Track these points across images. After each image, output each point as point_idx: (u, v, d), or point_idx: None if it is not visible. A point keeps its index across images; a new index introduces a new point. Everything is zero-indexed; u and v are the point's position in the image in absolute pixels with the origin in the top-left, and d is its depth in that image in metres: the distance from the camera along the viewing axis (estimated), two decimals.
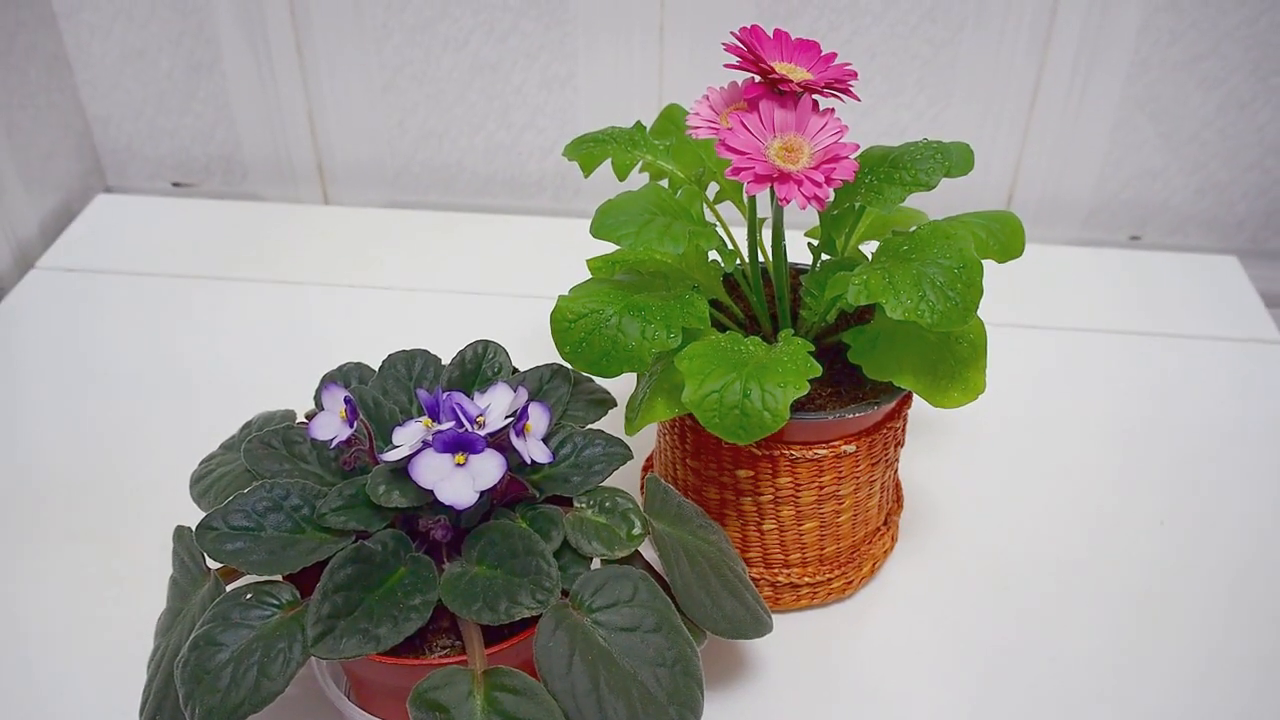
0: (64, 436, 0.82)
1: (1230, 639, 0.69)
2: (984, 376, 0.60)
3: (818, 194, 0.54)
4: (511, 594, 0.52)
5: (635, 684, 0.51)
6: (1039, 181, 1.02)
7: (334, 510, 0.54)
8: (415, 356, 0.63)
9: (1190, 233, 1.05)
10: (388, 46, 1.00)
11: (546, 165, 1.06)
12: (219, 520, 0.54)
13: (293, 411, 0.64)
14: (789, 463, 0.63)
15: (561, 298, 0.59)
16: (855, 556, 0.70)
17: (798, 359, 0.56)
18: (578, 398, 0.63)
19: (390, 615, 0.51)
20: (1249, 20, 0.92)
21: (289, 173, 1.09)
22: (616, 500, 0.57)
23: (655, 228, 0.58)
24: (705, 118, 0.58)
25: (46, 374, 0.87)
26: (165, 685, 0.53)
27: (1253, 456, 0.81)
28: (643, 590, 0.53)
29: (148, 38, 1.02)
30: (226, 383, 0.87)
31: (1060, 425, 0.83)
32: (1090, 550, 0.74)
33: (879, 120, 1.00)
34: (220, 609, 0.52)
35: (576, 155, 0.64)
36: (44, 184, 1.02)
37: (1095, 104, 0.98)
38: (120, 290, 0.96)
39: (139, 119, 1.07)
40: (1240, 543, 0.75)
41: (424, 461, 0.52)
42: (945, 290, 0.54)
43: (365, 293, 0.96)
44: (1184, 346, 0.91)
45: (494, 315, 0.93)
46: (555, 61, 1.00)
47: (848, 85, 0.56)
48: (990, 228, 0.63)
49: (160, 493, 0.76)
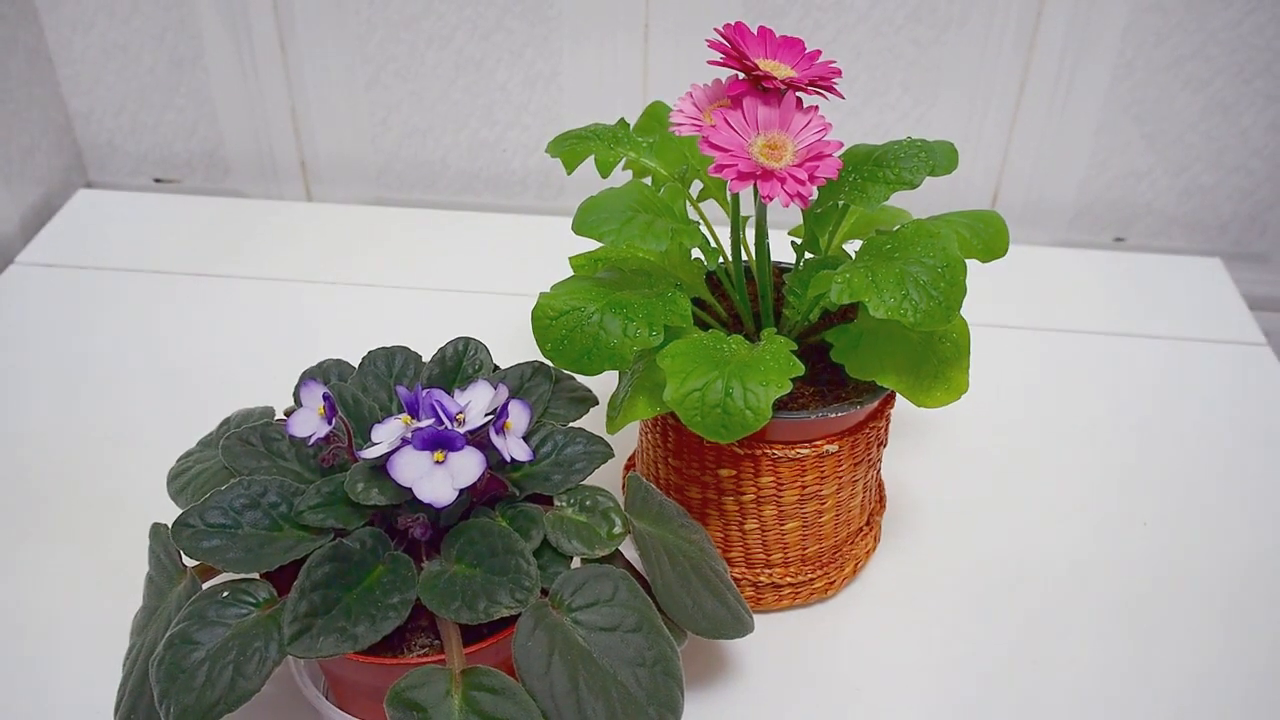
0: (43, 433, 0.81)
1: (1221, 640, 0.69)
2: (967, 376, 0.59)
3: (801, 192, 0.54)
4: (490, 593, 0.51)
5: (615, 684, 0.50)
6: (1024, 182, 1.02)
7: (312, 508, 0.54)
8: (395, 353, 0.63)
9: (1174, 235, 1.05)
10: (371, 43, 1.00)
11: (530, 163, 1.06)
12: (196, 517, 0.53)
13: (272, 408, 0.64)
14: (771, 462, 0.63)
15: (543, 295, 0.58)
16: (837, 557, 0.70)
17: (780, 358, 0.56)
18: (559, 395, 0.62)
19: (368, 614, 0.51)
20: (1234, 22, 0.92)
21: (271, 169, 1.08)
22: (597, 499, 0.56)
23: (638, 225, 0.58)
24: (689, 115, 0.57)
25: (26, 370, 0.86)
26: (140, 684, 0.53)
27: (1237, 458, 0.81)
28: (623, 590, 0.53)
29: (130, 33, 1.01)
30: (207, 379, 0.86)
31: (1043, 426, 0.84)
32: (1073, 551, 0.74)
33: (864, 120, 1.00)
34: (196, 607, 0.51)
35: (559, 152, 0.64)
36: (24, 179, 1.02)
37: (1080, 105, 0.98)
38: (101, 286, 0.95)
39: (121, 114, 1.07)
40: (1224, 544, 0.75)
41: (403, 459, 0.52)
42: (928, 289, 0.54)
43: (347, 289, 0.96)
44: (1168, 348, 0.91)
45: (476, 313, 0.93)
46: (540, 59, 0.99)
47: (832, 83, 0.56)
48: (974, 227, 0.63)
49: (139, 489, 0.76)
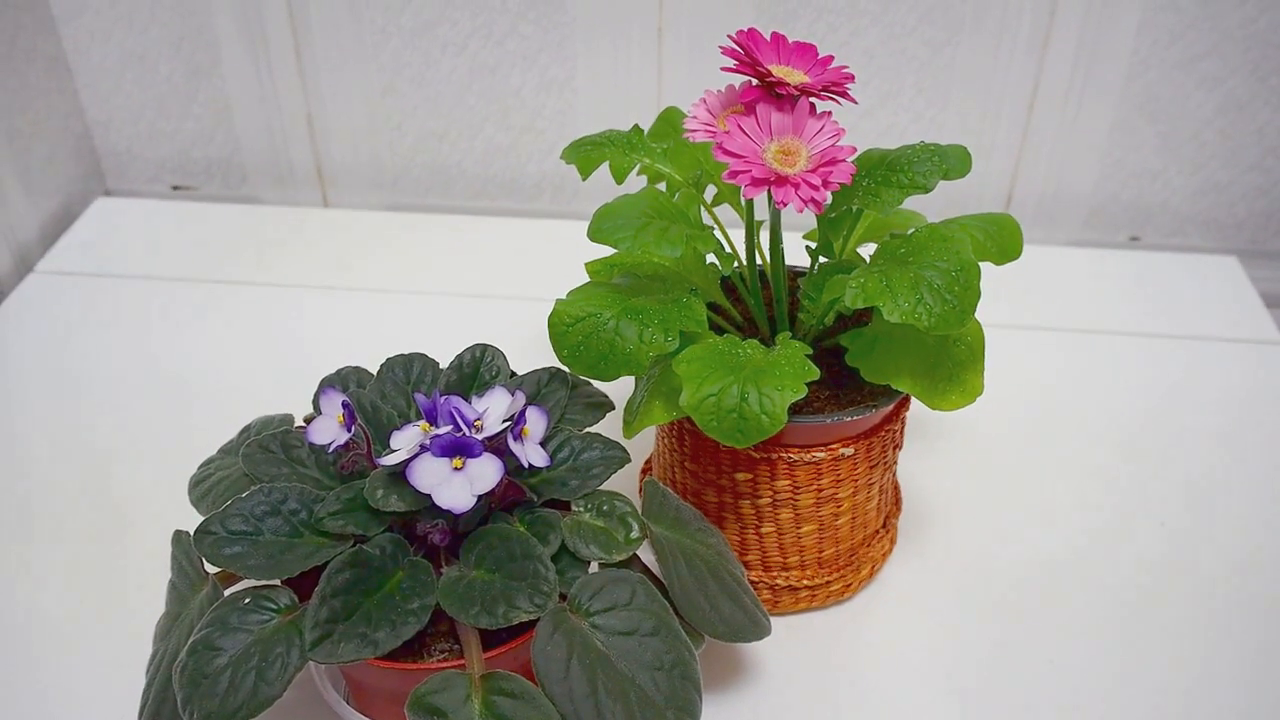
0: (63, 440, 0.82)
1: (1232, 642, 0.68)
2: (982, 379, 0.60)
3: (815, 197, 0.54)
4: (509, 598, 0.52)
5: (633, 687, 0.51)
6: (1038, 182, 1.02)
7: (332, 514, 0.54)
8: (413, 360, 0.63)
9: (1190, 233, 1.05)
10: (386, 50, 1.00)
11: (545, 168, 1.06)
12: (217, 524, 0.54)
13: (291, 416, 0.64)
14: (787, 466, 0.63)
15: (559, 301, 0.59)
16: (854, 559, 0.70)
17: (795, 362, 0.56)
18: (575, 401, 0.63)
19: (388, 619, 0.51)
20: (1249, 20, 0.92)
21: (288, 176, 1.09)
22: (614, 504, 0.57)
23: (653, 231, 0.58)
24: (703, 121, 0.57)
25: (46, 378, 0.87)
26: (164, 690, 0.53)
27: (1254, 457, 0.81)
28: (641, 594, 0.53)
29: (147, 42, 1.02)
30: (225, 386, 0.87)
31: (1059, 427, 0.83)
32: (1090, 552, 0.74)
33: (877, 122, 1.00)
34: (218, 613, 0.52)
35: (574, 158, 0.64)
36: (44, 187, 1.03)
37: (1094, 104, 0.97)
38: (120, 294, 0.96)
39: (139, 122, 1.07)
40: (1242, 544, 0.75)
41: (422, 466, 0.52)
42: (943, 293, 0.54)
43: (364, 296, 0.96)
44: (1184, 347, 0.91)
45: (492, 318, 0.93)
46: (554, 64, 1.00)
47: (845, 88, 0.56)
48: (988, 230, 0.63)
49: (159, 497, 0.76)
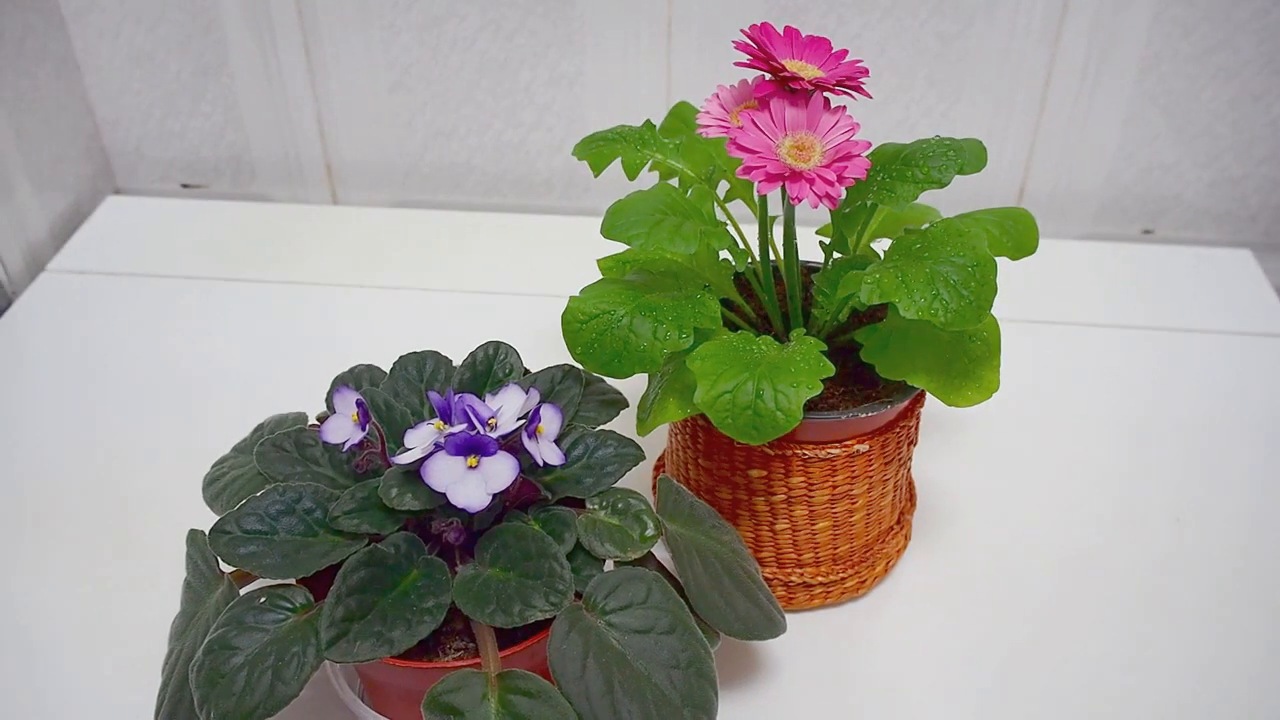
0: (75, 439, 0.82)
1: (1247, 637, 0.68)
2: (998, 375, 0.59)
3: (829, 193, 0.54)
4: (525, 596, 0.51)
5: (649, 686, 0.51)
6: (1051, 176, 1.02)
7: (347, 513, 0.54)
8: (426, 358, 0.63)
9: (1203, 227, 1.04)
10: (395, 46, 1.00)
11: (555, 163, 1.06)
12: (232, 523, 0.54)
13: (304, 414, 0.64)
14: (801, 462, 0.62)
15: (573, 299, 0.59)
16: (869, 555, 0.69)
17: (810, 358, 0.56)
18: (589, 399, 0.63)
19: (404, 618, 0.51)
20: (1262, 12, 0.92)
21: (297, 173, 1.09)
22: (629, 501, 0.56)
23: (666, 228, 0.58)
24: (715, 116, 0.57)
25: (58, 377, 0.87)
26: (180, 689, 0.53)
27: (1268, 452, 0.80)
28: (656, 592, 0.53)
29: (156, 40, 1.02)
30: (237, 384, 0.87)
31: (1074, 421, 0.83)
32: (1104, 547, 0.74)
33: (889, 115, 1.00)
34: (234, 613, 0.52)
35: (586, 155, 0.64)
36: (54, 186, 1.03)
37: (1107, 97, 0.97)
38: (130, 292, 0.96)
39: (148, 121, 1.07)
40: (1256, 539, 0.74)
41: (436, 464, 0.52)
42: (959, 289, 0.54)
43: (375, 293, 0.96)
44: (1198, 341, 0.90)
45: (502, 314, 0.93)
46: (563, 59, 0.99)
47: (859, 83, 0.56)
48: (1003, 225, 0.63)
49: (172, 496, 0.76)
